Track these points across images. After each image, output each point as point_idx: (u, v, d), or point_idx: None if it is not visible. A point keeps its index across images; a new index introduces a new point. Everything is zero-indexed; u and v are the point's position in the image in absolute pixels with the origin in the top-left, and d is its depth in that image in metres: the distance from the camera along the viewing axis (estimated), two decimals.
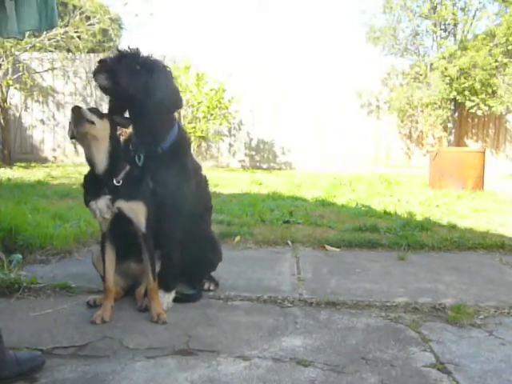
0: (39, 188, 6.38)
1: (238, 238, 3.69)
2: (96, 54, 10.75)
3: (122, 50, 2.24)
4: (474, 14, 11.04)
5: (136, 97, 2.18)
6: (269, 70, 11.22)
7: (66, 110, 11.63)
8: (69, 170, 9.46)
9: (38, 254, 3.12)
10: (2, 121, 10.30)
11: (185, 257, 2.40)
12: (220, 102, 10.21)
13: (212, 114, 10.22)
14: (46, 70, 10.96)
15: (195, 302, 2.41)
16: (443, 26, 11.24)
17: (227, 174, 9.30)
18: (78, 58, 10.95)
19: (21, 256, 2.97)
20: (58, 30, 9.85)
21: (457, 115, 11.35)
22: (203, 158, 11.19)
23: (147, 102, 2.18)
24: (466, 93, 10.50)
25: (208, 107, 10.07)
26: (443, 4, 10.71)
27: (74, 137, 2.14)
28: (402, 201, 5.87)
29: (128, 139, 2.43)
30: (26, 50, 10.11)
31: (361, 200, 5.78)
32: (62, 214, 4.11)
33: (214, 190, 2.76)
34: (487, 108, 10.47)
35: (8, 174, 8.15)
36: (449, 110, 10.89)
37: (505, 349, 1.98)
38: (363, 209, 5.16)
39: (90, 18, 10.19)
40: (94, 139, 2.11)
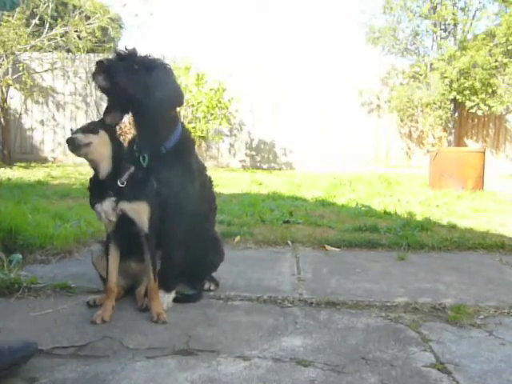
0: (39, 188, 6.38)
1: (237, 238, 3.70)
2: (96, 54, 10.74)
3: (119, 50, 2.25)
4: (474, 14, 11.05)
5: (135, 96, 2.17)
6: (269, 70, 11.22)
7: (66, 110, 11.64)
8: (69, 169, 9.46)
9: (38, 253, 3.11)
10: (2, 121, 10.29)
11: (187, 257, 2.39)
12: (220, 102, 10.21)
13: (212, 114, 10.22)
14: (45, 70, 10.96)
15: (195, 302, 2.41)
16: (443, 26, 11.25)
17: (227, 174, 9.30)
18: (77, 57, 10.95)
19: (21, 256, 2.96)
20: (58, 30, 9.86)
21: (457, 115, 11.35)
22: (203, 159, 11.16)
23: (147, 101, 2.18)
24: (466, 92, 10.50)
25: (207, 107, 10.07)
26: (443, 4, 10.72)
27: None
28: (402, 201, 5.87)
29: (132, 140, 2.43)
30: (25, 50, 10.11)
31: (361, 200, 5.78)
32: (62, 213, 4.10)
33: (215, 190, 2.75)
34: (487, 108, 10.47)
35: (8, 173, 8.15)
36: (448, 111, 10.89)
37: (505, 349, 1.98)
38: (363, 209, 5.16)
39: (90, 17, 10.19)
40: (94, 155, 2.13)
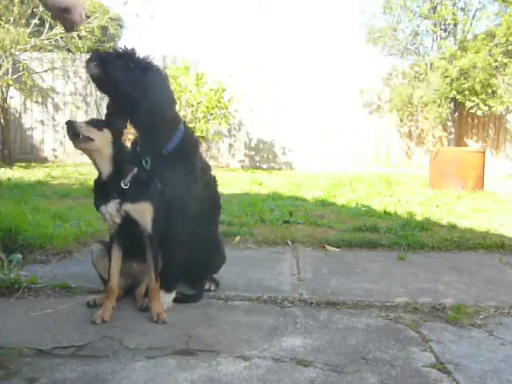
0: (39, 188, 6.38)
1: (237, 238, 3.69)
2: None
3: (117, 48, 2.24)
4: (474, 14, 11.05)
5: (127, 92, 2.14)
6: (269, 70, 11.22)
7: (66, 110, 11.64)
8: (69, 169, 9.45)
9: (38, 253, 3.11)
10: (2, 121, 10.29)
11: (189, 258, 2.39)
12: (220, 102, 10.21)
13: (212, 114, 10.21)
14: (45, 70, 10.96)
15: (196, 302, 2.41)
16: (443, 26, 11.24)
17: (227, 174, 9.30)
18: (77, 57, 10.95)
19: (21, 256, 2.96)
20: (58, 30, 9.85)
21: (457, 115, 11.35)
22: None
23: (139, 100, 2.14)
24: (466, 93, 10.50)
25: (207, 107, 10.06)
26: (443, 4, 10.72)
27: None
28: (402, 201, 5.87)
29: (135, 141, 2.43)
30: (25, 50, 10.11)
31: (361, 200, 5.78)
32: (62, 213, 4.10)
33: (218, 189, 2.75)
34: (487, 108, 10.47)
35: (8, 174, 8.15)
36: (448, 109, 10.88)
37: (505, 349, 1.97)
38: (363, 209, 5.16)
39: (90, 16, 10.18)
40: (95, 152, 2.13)
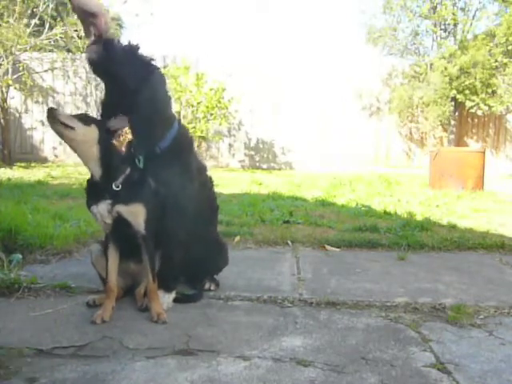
0: (39, 188, 6.38)
1: (237, 238, 3.69)
2: None
3: (122, 41, 2.21)
4: (474, 14, 11.07)
5: (124, 82, 2.10)
6: (269, 70, 11.23)
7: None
8: (69, 169, 9.45)
9: (38, 253, 3.11)
10: (2, 121, 10.29)
11: (187, 257, 2.39)
12: (220, 102, 10.22)
13: (212, 114, 10.22)
14: (45, 70, 10.96)
15: (196, 302, 2.41)
16: (443, 26, 11.26)
17: (227, 174, 9.30)
18: (78, 57, 10.95)
19: (21, 256, 2.96)
20: (58, 30, 9.86)
21: (457, 115, 11.35)
22: (204, 158, 11.19)
23: (136, 92, 2.11)
24: (466, 92, 10.50)
25: (207, 107, 10.07)
26: (443, 4, 10.73)
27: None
28: (402, 201, 5.87)
29: (130, 142, 2.42)
30: (25, 50, 10.11)
31: (361, 200, 5.78)
32: (62, 213, 4.10)
33: (215, 190, 2.75)
34: (487, 108, 10.48)
35: (8, 174, 8.15)
36: (450, 107, 10.86)
37: (505, 349, 1.97)
38: (363, 209, 5.16)
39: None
40: (77, 144, 2.11)
